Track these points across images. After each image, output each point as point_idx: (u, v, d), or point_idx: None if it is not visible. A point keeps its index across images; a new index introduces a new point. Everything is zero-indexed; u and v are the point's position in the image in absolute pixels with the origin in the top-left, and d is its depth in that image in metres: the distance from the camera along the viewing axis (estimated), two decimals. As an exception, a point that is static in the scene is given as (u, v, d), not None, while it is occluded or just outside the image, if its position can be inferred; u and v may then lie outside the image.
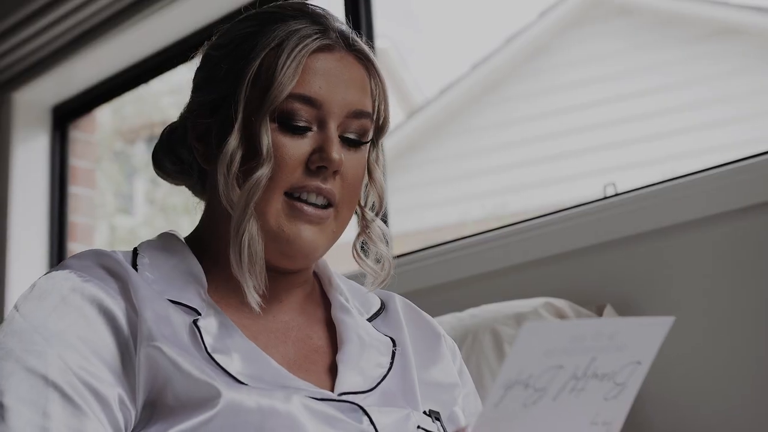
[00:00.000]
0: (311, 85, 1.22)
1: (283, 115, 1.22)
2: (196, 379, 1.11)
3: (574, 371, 0.90)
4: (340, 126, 1.25)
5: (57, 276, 1.19)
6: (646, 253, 2.15)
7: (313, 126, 1.23)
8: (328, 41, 1.25)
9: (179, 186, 1.39)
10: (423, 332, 1.39)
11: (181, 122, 1.35)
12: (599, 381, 0.92)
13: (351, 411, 1.16)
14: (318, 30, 1.24)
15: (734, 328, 2.02)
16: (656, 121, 6.17)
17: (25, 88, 3.78)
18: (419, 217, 7.07)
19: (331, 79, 1.24)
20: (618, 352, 0.92)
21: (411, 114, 7.74)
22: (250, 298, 1.19)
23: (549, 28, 6.94)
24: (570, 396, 0.91)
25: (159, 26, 3.43)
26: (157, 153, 1.38)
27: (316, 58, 1.23)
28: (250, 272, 1.20)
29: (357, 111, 1.25)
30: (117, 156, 8.20)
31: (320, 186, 1.23)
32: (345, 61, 1.26)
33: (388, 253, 1.31)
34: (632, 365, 0.95)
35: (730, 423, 1.99)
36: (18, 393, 1.08)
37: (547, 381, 0.88)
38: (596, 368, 0.91)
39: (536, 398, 0.89)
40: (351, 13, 2.93)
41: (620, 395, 0.96)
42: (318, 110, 1.23)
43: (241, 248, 1.19)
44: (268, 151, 1.20)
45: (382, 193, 1.34)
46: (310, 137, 1.23)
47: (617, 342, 0.91)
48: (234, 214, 1.20)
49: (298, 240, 1.23)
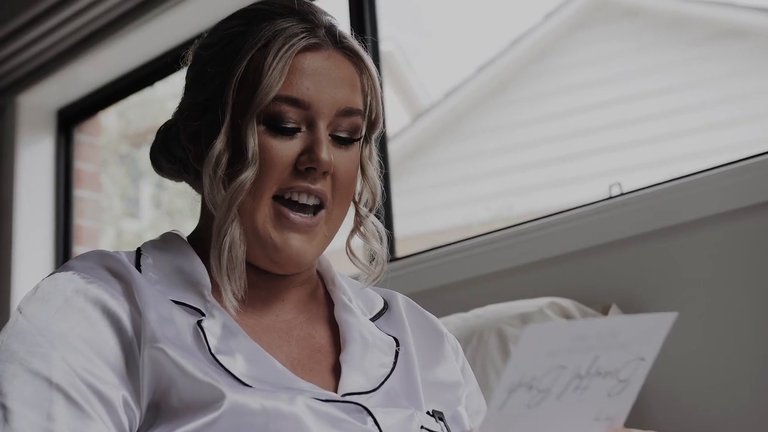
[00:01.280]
0: (298, 86, 1.21)
1: (271, 117, 1.21)
2: (200, 381, 1.10)
3: (578, 370, 0.89)
4: (330, 125, 1.24)
5: (60, 277, 1.18)
6: (651, 253, 2.15)
7: (302, 126, 1.22)
8: (315, 40, 1.23)
9: (181, 182, 1.39)
10: (426, 331, 1.39)
11: (174, 121, 1.34)
12: (602, 378, 0.92)
13: (355, 412, 1.16)
14: (305, 28, 1.23)
15: (739, 327, 2.01)
16: (661, 122, 6.17)
17: (29, 92, 3.78)
18: (425, 220, 7.06)
19: (319, 78, 1.22)
20: (621, 349, 0.92)
21: (417, 117, 7.74)
22: (228, 302, 1.19)
23: (554, 30, 6.94)
24: (574, 395, 0.91)
25: (164, 28, 3.43)
26: (154, 152, 1.37)
27: (303, 58, 1.22)
28: (230, 276, 1.19)
29: (347, 109, 1.24)
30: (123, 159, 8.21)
31: (309, 187, 1.22)
32: (333, 59, 1.25)
33: (381, 250, 1.31)
34: (636, 362, 0.94)
35: (734, 421, 1.98)
36: (22, 396, 1.08)
37: (551, 381, 0.88)
38: (599, 366, 0.91)
39: (540, 399, 0.89)
40: (355, 16, 2.92)
41: (624, 391, 0.96)
42: (306, 111, 1.22)
43: (221, 252, 1.19)
44: (253, 154, 1.19)
45: (376, 190, 1.32)
46: (299, 138, 1.22)
47: (620, 340, 0.91)
48: (216, 216, 1.20)
49: (286, 248, 1.22)
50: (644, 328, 0.93)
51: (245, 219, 1.21)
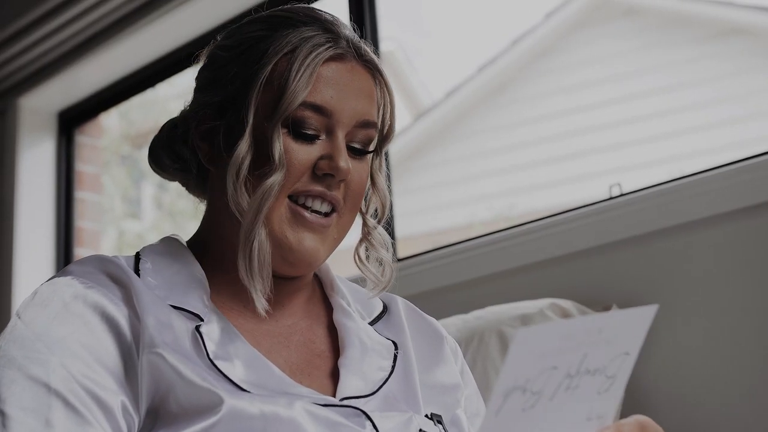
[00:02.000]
0: (322, 94, 1.23)
1: (294, 122, 1.22)
2: (198, 386, 1.10)
3: (568, 370, 0.91)
4: (348, 135, 1.25)
5: (59, 282, 1.19)
6: (651, 253, 2.15)
7: (322, 134, 1.24)
8: (340, 51, 1.25)
9: (173, 182, 1.39)
10: (425, 334, 1.39)
11: (182, 120, 1.34)
12: (591, 376, 0.94)
13: (354, 416, 1.16)
14: (330, 38, 1.25)
15: (740, 326, 2.01)
16: (662, 121, 6.16)
17: (30, 94, 3.77)
18: (426, 220, 7.05)
19: (342, 88, 1.24)
20: (607, 345, 0.93)
21: (418, 116, 7.74)
22: (258, 304, 1.20)
23: (555, 29, 6.93)
24: (565, 395, 0.92)
25: (165, 30, 3.43)
26: (155, 148, 1.37)
27: (327, 67, 1.24)
28: (259, 277, 1.20)
29: (364, 121, 1.26)
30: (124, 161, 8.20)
31: (325, 192, 1.23)
32: (355, 71, 1.26)
33: (389, 259, 1.32)
34: (621, 357, 0.96)
35: (735, 419, 1.98)
36: (20, 401, 1.08)
37: (543, 383, 0.90)
38: (588, 364, 0.93)
39: (534, 401, 0.90)
40: (355, 16, 2.92)
41: (611, 388, 0.98)
42: (328, 119, 1.23)
43: (251, 255, 1.19)
44: (280, 158, 1.20)
45: (385, 200, 1.34)
46: (318, 144, 1.23)
47: (606, 336, 0.93)
48: (244, 220, 1.20)
49: (301, 248, 1.23)
50: (628, 323, 0.95)
51: (263, 220, 1.21)
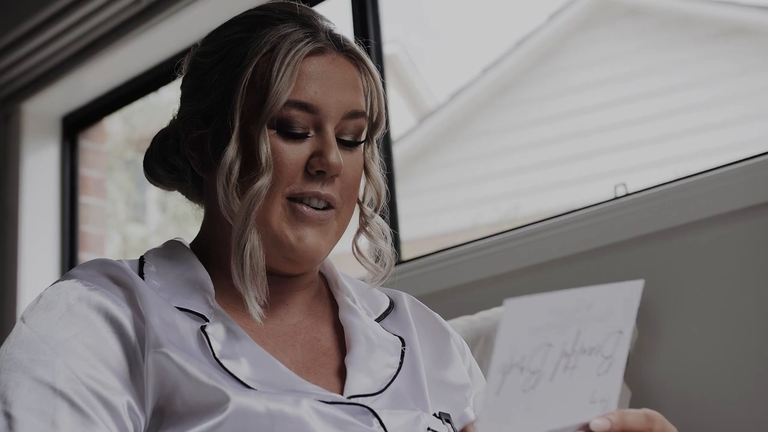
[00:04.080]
0: (307, 91, 1.22)
1: (281, 122, 1.21)
2: (205, 384, 1.10)
3: (563, 347, 0.91)
4: (337, 128, 1.25)
5: (63, 286, 1.19)
6: (657, 253, 2.14)
7: (311, 131, 1.23)
8: (319, 44, 1.24)
9: (172, 191, 1.39)
10: (431, 331, 1.39)
11: (172, 130, 1.34)
12: (588, 356, 0.94)
13: (361, 414, 1.16)
14: (308, 33, 1.24)
15: (747, 325, 2.01)
16: (667, 122, 6.15)
17: (34, 99, 3.78)
18: (432, 222, 7.05)
19: (326, 82, 1.23)
20: (598, 322, 0.94)
21: (422, 119, 7.74)
22: (252, 310, 1.19)
23: (559, 30, 6.93)
24: (565, 375, 0.92)
25: (168, 35, 3.43)
26: (149, 160, 1.37)
27: (309, 62, 1.23)
28: (252, 283, 1.19)
29: (352, 112, 1.25)
30: (128, 165, 8.20)
31: (319, 192, 1.23)
32: (337, 62, 1.25)
33: (387, 249, 1.31)
34: (615, 335, 0.97)
35: (741, 418, 1.98)
36: (26, 403, 1.08)
37: (540, 361, 0.89)
38: (583, 342, 0.93)
39: (534, 382, 0.90)
40: (358, 18, 2.92)
41: (610, 369, 0.98)
42: (314, 115, 1.23)
43: (243, 260, 1.19)
44: (267, 160, 1.20)
45: (380, 189, 1.33)
46: (308, 142, 1.23)
47: (596, 312, 0.93)
48: (235, 225, 1.20)
49: (301, 245, 1.23)
50: (616, 298, 0.97)
51: (259, 223, 1.21)
